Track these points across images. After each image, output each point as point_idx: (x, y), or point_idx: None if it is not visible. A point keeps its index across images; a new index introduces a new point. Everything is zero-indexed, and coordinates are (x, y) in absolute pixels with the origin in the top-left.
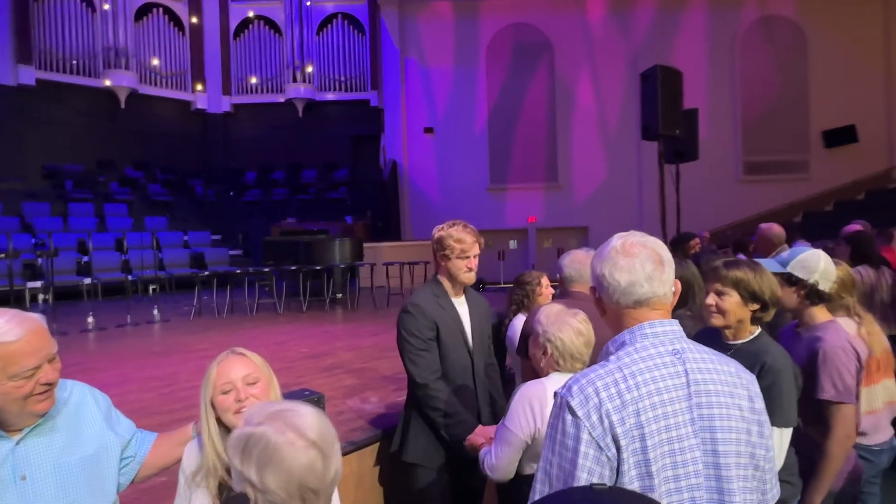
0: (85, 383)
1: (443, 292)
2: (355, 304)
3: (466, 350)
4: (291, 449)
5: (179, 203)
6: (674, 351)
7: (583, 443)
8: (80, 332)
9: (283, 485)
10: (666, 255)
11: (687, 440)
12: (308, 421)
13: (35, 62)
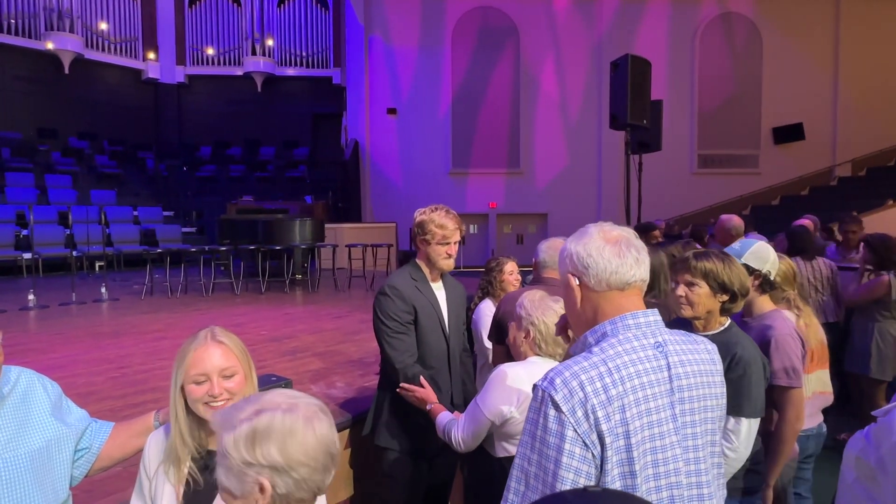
0: (32, 370)
1: (421, 276)
2: (316, 285)
3: (443, 335)
4: (308, 422)
5: (129, 176)
6: (656, 344)
7: (567, 440)
8: (19, 310)
9: (310, 454)
10: (640, 243)
11: (669, 437)
12: (302, 396)
13: None
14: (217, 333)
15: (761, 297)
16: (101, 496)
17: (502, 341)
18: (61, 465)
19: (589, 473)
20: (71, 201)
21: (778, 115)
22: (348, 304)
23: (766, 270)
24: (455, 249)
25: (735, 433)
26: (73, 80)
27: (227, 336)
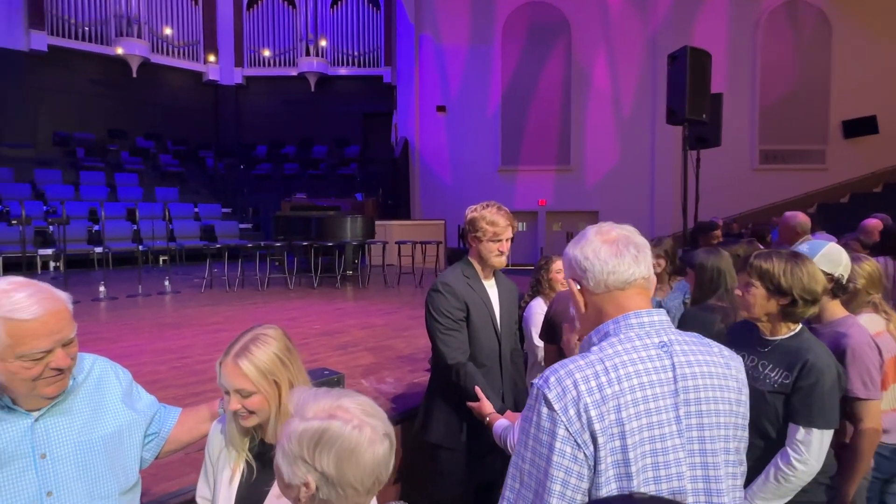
0: (107, 358)
1: (473, 274)
2: (366, 281)
3: (495, 333)
4: (371, 445)
5: (190, 175)
6: (661, 343)
7: (558, 439)
8: (91, 301)
9: (361, 478)
10: (642, 240)
11: (671, 439)
12: (373, 412)
13: (47, 28)
14: (242, 352)
15: (832, 303)
16: (164, 480)
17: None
18: (132, 449)
19: (580, 473)
20: (137, 198)
21: (848, 107)
22: (398, 300)
23: (839, 274)
24: (507, 247)
25: (805, 444)
26: (140, 84)
27: (251, 357)
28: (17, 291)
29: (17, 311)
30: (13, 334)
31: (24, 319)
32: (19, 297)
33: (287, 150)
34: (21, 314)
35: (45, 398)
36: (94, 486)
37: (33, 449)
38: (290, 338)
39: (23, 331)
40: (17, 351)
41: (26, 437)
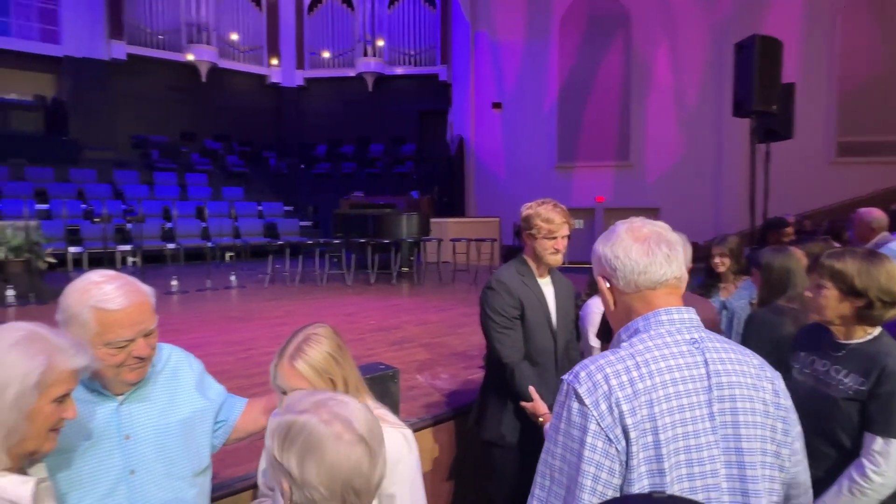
0: (181, 348)
1: (528, 271)
2: (421, 278)
3: (550, 332)
4: (338, 442)
5: (255, 174)
6: (692, 340)
7: (590, 434)
8: (165, 294)
9: (326, 480)
10: (675, 237)
11: (704, 436)
12: (356, 414)
13: (126, 37)
14: (296, 354)
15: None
16: (231, 465)
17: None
18: (203, 434)
19: (611, 469)
20: (206, 197)
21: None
22: (452, 297)
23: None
24: (563, 244)
25: (883, 455)
26: (208, 88)
27: (306, 357)
28: (107, 283)
29: (106, 301)
30: (101, 322)
31: (112, 310)
32: (109, 288)
33: (345, 150)
34: (109, 305)
35: (128, 384)
36: (172, 466)
37: (119, 430)
38: (341, 335)
39: (110, 320)
40: (104, 339)
41: (113, 419)
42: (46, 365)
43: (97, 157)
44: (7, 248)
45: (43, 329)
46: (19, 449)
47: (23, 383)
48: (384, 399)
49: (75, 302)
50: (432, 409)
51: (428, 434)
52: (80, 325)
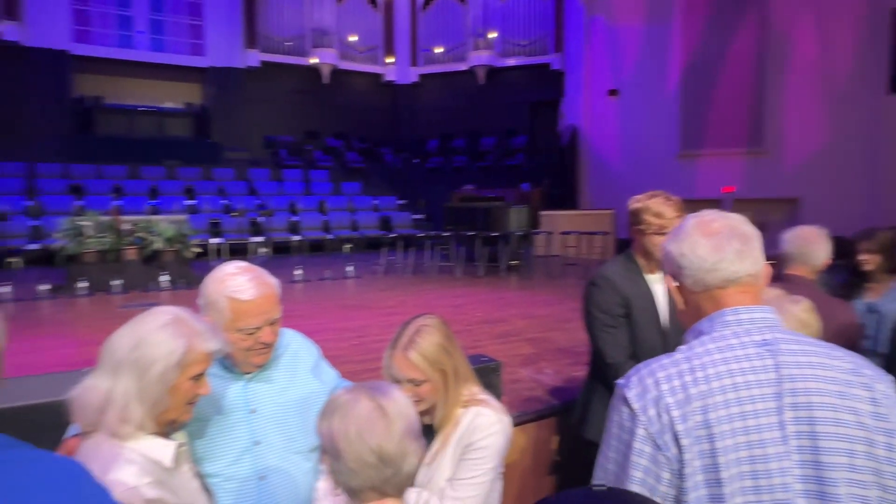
0: (301, 334)
1: (635, 268)
2: (530, 272)
3: (659, 332)
4: (355, 405)
5: (371, 170)
6: (763, 342)
7: (637, 438)
8: (289, 283)
9: (352, 448)
10: (751, 230)
11: (773, 447)
12: (389, 392)
13: (259, 46)
14: (409, 344)
15: None
16: None
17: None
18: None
19: (658, 476)
20: (327, 192)
21: None
22: (561, 291)
23: None
24: None
25: None
26: (330, 89)
27: (419, 347)
28: (241, 275)
29: (239, 292)
30: (234, 311)
31: (243, 300)
32: (242, 280)
33: (456, 144)
34: (241, 295)
35: (255, 366)
36: (290, 441)
37: (245, 405)
38: (449, 326)
39: (241, 309)
40: (236, 325)
41: (241, 395)
42: (187, 346)
43: (235, 157)
44: (162, 239)
45: (186, 314)
46: (163, 418)
47: (167, 361)
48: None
49: (213, 291)
50: (534, 404)
51: (530, 429)
52: (216, 311)
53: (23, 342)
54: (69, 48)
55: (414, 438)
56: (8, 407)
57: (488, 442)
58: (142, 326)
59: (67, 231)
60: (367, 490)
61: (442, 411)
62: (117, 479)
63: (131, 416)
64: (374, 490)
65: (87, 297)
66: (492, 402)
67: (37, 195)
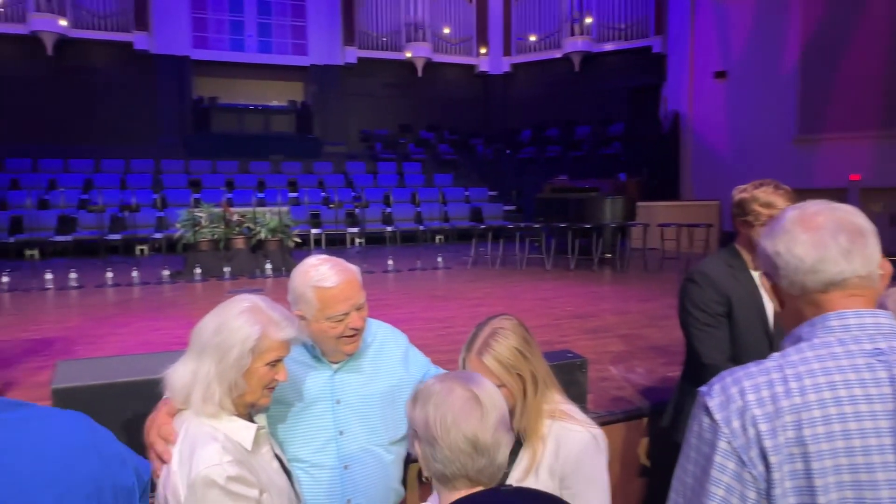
0: (389, 325)
1: (739, 263)
2: (624, 265)
3: (764, 333)
4: (450, 393)
5: (463, 161)
6: (875, 351)
7: (719, 453)
8: (382, 272)
9: (441, 419)
10: (865, 223)
11: (884, 472)
12: (476, 379)
13: (356, 42)
14: (483, 348)
15: None
16: None
17: None
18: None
19: (744, 495)
20: (419, 184)
21: None
22: (657, 287)
23: None
24: None
25: None
26: (423, 82)
27: (493, 352)
28: (322, 265)
29: (323, 280)
30: (320, 299)
31: (328, 287)
32: (324, 269)
33: (550, 133)
34: (325, 283)
35: (345, 354)
36: (372, 433)
37: (332, 395)
38: (527, 327)
39: (327, 296)
40: (325, 314)
41: (328, 384)
42: (261, 333)
43: (333, 151)
44: (266, 230)
45: (264, 303)
46: (241, 400)
47: (242, 346)
48: (570, 388)
49: (299, 284)
50: (623, 404)
51: (618, 429)
52: (305, 303)
53: (147, 321)
54: (190, 53)
55: (506, 430)
56: (134, 380)
57: (595, 472)
58: (224, 313)
59: (185, 222)
60: (460, 478)
61: (522, 420)
62: (202, 455)
63: (212, 396)
64: (468, 479)
65: (201, 282)
66: (576, 415)
67: (162, 189)
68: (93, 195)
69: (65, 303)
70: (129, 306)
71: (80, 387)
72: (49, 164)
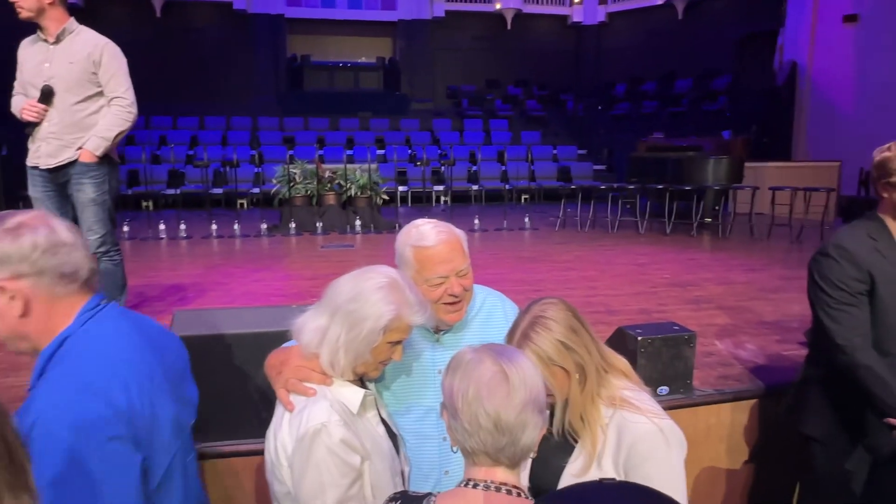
0: (498, 293)
1: (884, 235)
2: (727, 231)
3: None
4: (478, 366)
5: (552, 118)
6: None
7: None
8: (468, 231)
9: (464, 391)
10: None
11: None
12: (511, 354)
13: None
14: (523, 340)
15: None
16: None
17: None
18: None
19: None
20: (506, 142)
21: None
22: (766, 256)
23: None
24: None
25: None
26: (512, 35)
27: (532, 345)
28: (424, 225)
29: (421, 239)
30: (419, 259)
31: (426, 246)
32: (425, 229)
33: (646, 87)
34: (423, 242)
35: (446, 324)
36: None
37: (433, 365)
38: (579, 314)
39: (425, 257)
40: (423, 275)
41: (430, 355)
42: (395, 314)
43: (420, 107)
44: (356, 186)
45: (403, 282)
46: (357, 370)
47: (375, 323)
48: (675, 362)
49: (401, 243)
50: (731, 383)
51: (726, 409)
52: (405, 264)
53: (249, 272)
54: (284, 12)
55: (536, 411)
56: (241, 332)
57: (662, 469)
58: (363, 282)
59: (281, 178)
60: (480, 454)
61: (571, 413)
62: (312, 412)
63: (338, 363)
64: (488, 455)
65: (295, 236)
66: (642, 404)
67: (259, 146)
68: (198, 151)
69: (176, 252)
70: (232, 257)
71: (194, 336)
72: (159, 122)
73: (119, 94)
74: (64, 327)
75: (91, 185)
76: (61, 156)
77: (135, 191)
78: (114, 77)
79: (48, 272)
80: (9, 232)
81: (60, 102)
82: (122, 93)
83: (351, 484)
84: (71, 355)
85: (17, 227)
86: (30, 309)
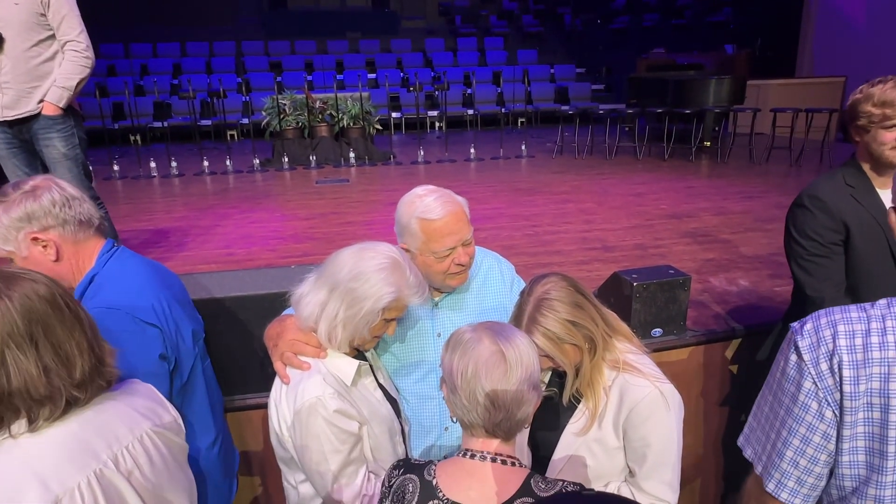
0: (495, 254)
1: (861, 181)
2: (726, 155)
3: (894, 263)
4: (477, 345)
5: (549, 34)
6: None
7: (803, 392)
8: (464, 161)
9: (463, 370)
10: None
11: None
12: (508, 333)
13: None
14: (531, 325)
15: None
16: None
17: None
18: None
19: (826, 433)
20: (502, 62)
21: None
22: (763, 181)
23: None
24: None
25: None
26: None
27: (540, 328)
28: (428, 196)
29: (427, 212)
30: (426, 232)
31: (433, 219)
32: (429, 200)
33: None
34: (430, 215)
35: (450, 288)
36: None
37: (433, 328)
38: (580, 286)
39: (433, 230)
40: (430, 248)
41: (429, 318)
42: (394, 296)
43: (411, 26)
44: (349, 117)
45: (404, 262)
46: (353, 343)
47: (375, 303)
48: (670, 306)
49: (404, 214)
50: (722, 322)
51: (715, 349)
52: (410, 235)
53: (245, 212)
54: None
55: (531, 387)
56: (242, 295)
57: (660, 432)
58: (364, 262)
59: (270, 109)
60: (477, 426)
61: (580, 381)
62: (306, 386)
63: (335, 338)
64: (485, 429)
65: (289, 170)
66: (645, 369)
67: (245, 73)
68: (182, 80)
69: (169, 192)
70: (227, 196)
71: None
72: (139, 49)
73: (72, 38)
74: (90, 267)
75: (60, 139)
76: (21, 108)
77: (121, 125)
78: (65, 19)
79: (69, 221)
80: (28, 194)
81: (11, 49)
82: (76, 36)
83: (352, 448)
84: (102, 289)
85: (34, 189)
86: (61, 254)
